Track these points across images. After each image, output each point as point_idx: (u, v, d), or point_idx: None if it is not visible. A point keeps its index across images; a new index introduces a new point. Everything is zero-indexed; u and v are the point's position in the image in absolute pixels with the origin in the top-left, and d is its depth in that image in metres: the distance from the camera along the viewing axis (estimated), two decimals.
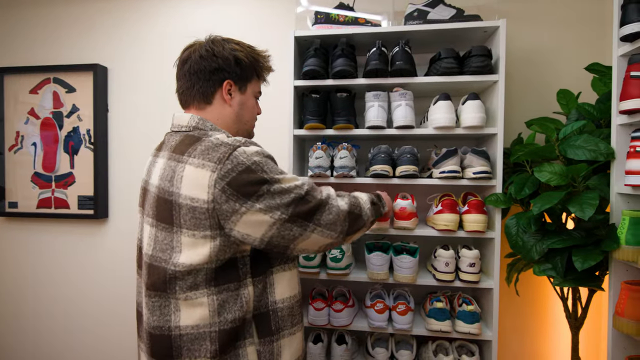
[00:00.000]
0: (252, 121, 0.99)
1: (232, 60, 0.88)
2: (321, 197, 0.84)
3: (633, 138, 1.05)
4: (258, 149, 0.82)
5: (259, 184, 0.77)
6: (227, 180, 0.76)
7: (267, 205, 0.77)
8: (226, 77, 0.89)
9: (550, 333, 1.62)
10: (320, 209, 0.83)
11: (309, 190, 0.83)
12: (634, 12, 1.00)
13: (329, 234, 0.84)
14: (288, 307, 0.88)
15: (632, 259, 1.03)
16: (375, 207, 1.00)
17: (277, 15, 1.78)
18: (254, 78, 0.94)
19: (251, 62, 0.92)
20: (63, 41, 1.94)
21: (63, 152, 1.92)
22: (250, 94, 0.95)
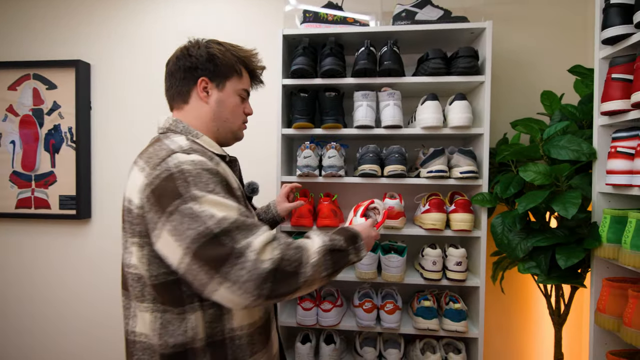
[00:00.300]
0: (236, 120, 0.91)
1: (205, 56, 0.85)
2: (236, 245, 0.65)
3: (614, 139, 1.08)
4: (196, 159, 0.72)
5: (173, 197, 0.67)
6: (152, 187, 0.70)
7: (175, 229, 0.66)
8: (200, 74, 0.85)
9: (534, 329, 1.66)
10: (230, 260, 0.64)
11: (228, 229, 0.65)
12: (615, 15, 1.03)
13: (243, 294, 0.63)
14: (248, 334, 0.79)
15: (613, 256, 1.06)
16: (337, 257, 0.76)
17: (265, 13, 1.77)
18: (234, 75, 0.89)
19: (228, 58, 0.87)
20: (44, 36, 1.89)
21: (44, 151, 1.87)
22: (231, 92, 0.89)
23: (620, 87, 1.03)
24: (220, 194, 0.70)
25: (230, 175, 0.80)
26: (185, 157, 0.72)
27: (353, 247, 0.81)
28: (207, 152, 0.79)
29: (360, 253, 0.83)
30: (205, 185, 0.69)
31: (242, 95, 0.92)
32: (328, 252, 0.74)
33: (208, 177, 0.70)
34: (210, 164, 0.74)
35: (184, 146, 0.76)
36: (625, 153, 1.03)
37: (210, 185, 0.70)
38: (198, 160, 0.72)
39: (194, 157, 0.73)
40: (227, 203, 0.69)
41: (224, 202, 0.69)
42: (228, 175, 0.78)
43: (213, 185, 0.70)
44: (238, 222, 0.67)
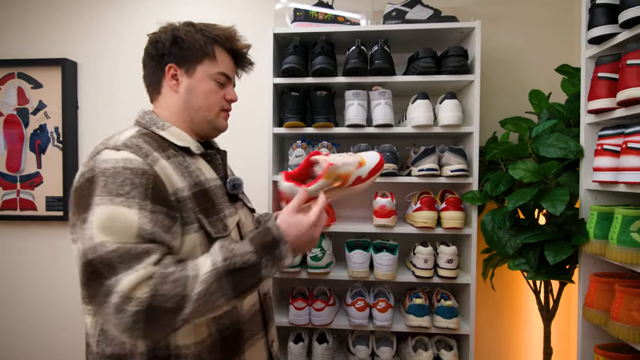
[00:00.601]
0: (211, 108, 0.81)
1: (170, 41, 0.77)
2: (105, 281, 0.57)
3: (600, 136, 1.10)
4: (122, 157, 0.65)
5: (83, 199, 0.63)
6: (75, 185, 0.67)
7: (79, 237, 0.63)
8: (167, 61, 0.78)
9: (524, 325, 1.68)
10: (98, 297, 0.58)
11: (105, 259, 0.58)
12: (601, 15, 1.05)
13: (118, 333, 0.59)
14: (195, 354, 0.69)
15: (600, 252, 1.08)
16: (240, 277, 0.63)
17: (255, 12, 1.76)
18: (205, 58, 0.79)
19: (197, 39, 0.78)
20: (29, 34, 1.84)
21: (29, 151, 1.83)
22: (204, 77, 0.79)
23: (606, 85, 1.05)
24: (135, 199, 0.62)
25: (173, 175, 0.70)
26: (112, 154, 0.66)
27: (268, 258, 0.66)
28: (143, 149, 0.68)
29: (280, 262, 0.68)
30: (118, 187, 0.62)
31: (219, 80, 0.81)
32: (224, 276, 0.62)
33: (126, 177, 0.63)
34: (137, 162, 0.65)
35: (119, 142, 0.69)
36: (611, 150, 1.05)
37: (125, 187, 0.62)
38: (122, 158, 0.65)
39: (120, 155, 0.66)
40: (127, 217, 0.60)
41: (123, 217, 0.60)
42: (170, 175, 0.69)
43: (129, 188, 0.62)
44: (120, 251, 0.59)
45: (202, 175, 0.76)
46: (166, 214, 0.66)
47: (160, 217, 0.64)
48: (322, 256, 1.41)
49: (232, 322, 0.76)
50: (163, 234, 0.64)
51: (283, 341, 1.60)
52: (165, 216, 0.65)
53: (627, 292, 0.96)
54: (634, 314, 0.95)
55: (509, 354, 1.69)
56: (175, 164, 0.72)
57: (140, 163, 0.66)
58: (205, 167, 0.79)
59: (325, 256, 1.42)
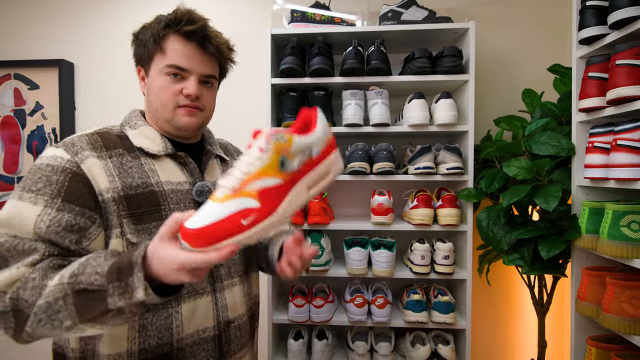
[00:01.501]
0: (165, 106, 0.73)
1: (132, 42, 0.76)
2: None
3: (591, 134, 1.13)
4: (50, 154, 0.66)
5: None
6: None
7: None
8: (136, 63, 0.78)
9: (519, 319, 1.72)
10: None
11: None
12: (591, 17, 1.08)
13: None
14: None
15: (591, 246, 1.11)
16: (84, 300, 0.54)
17: (252, 13, 1.77)
18: (155, 53, 0.73)
19: (145, 35, 0.73)
20: (25, 35, 1.84)
21: (26, 152, 1.82)
22: (156, 73, 0.73)
23: (597, 85, 1.08)
24: (44, 196, 0.61)
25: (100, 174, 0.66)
26: (49, 151, 0.67)
27: (116, 285, 0.53)
28: (76, 146, 0.67)
29: (129, 294, 0.52)
30: (33, 184, 0.62)
31: (170, 72, 0.72)
32: (70, 294, 0.54)
33: (43, 174, 0.63)
34: (60, 160, 0.64)
35: (67, 138, 0.70)
36: (601, 148, 1.08)
37: (38, 184, 0.62)
38: (50, 155, 0.65)
39: (53, 152, 0.66)
40: (26, 213, 0.60)
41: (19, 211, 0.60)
42: (96, 174, 0.65)
43: (42, 184, 0.62)
44: (9, 244, 0.58)
45: (153, 178, 0.70)
46: (78, 213, 0.62)
47: (68, 216, 0.61)
48: (322, 254, 1.44)
49: (160, 344, 0.66)
50: (63, 234, 0.61)
51: (283, 338, 1.62)
52: (77, 215, 0.62)
53: (618, 285, 1.00)
54: (624, 306, 0.98)
55: (505, 348, 1.72)
56: (113, 163, 0.68)
57: (64, 161, 0.64)
58: (169, 169, 0.73)
59: (324, 254, 1.44)
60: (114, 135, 0.73)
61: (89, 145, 0.68)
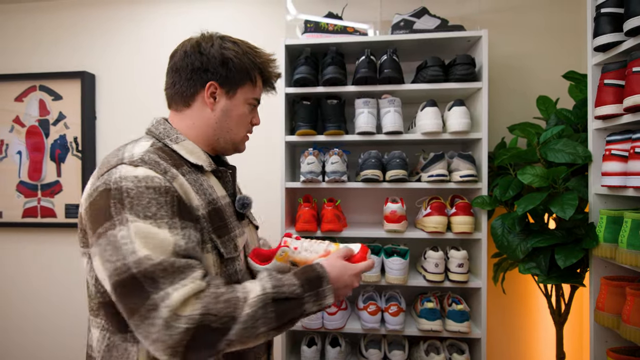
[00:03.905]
0: (240, 131, 0.81)
1: (219, 59, 0.75)
2: (152, 295, 0.57)
3: (608, 142, 1.11)
4: (142, 174, 0.63)
5: (104, 219, 0.61)
6: (90, 200, 0.65)
7: (100, 253, 0.61)
8: (210, 78, 0.75)
9: (536, 329, 1.68)
10: (141, 312, 0.57)
11: (150, 272, 0.58)
12: (606, 24, 1.07)
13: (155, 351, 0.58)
14: None
15: (610, 255, 1.09)
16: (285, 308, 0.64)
17: (267, 24, 1.81)
18: (246, 83, 0.78)
19: (244, 64, 0.77)
20: (49, 48, 1.92)
21: (49, 160, 1.89)
22: (241, 101, 0.79)
23: (613, 92, 1.07)
24: (163, 219, 0.61)
25: (190, 192, 0.69)
26: (130, 170, 0.64)
27: (312, 294, 0.66)
28: (161, 165, 0.67)
29: (323, 301, 0.67)
30: (145, 209, 0.61)
31: (252, 104, 0.82)
32: (270, 303, 0.63)
33: (151, 198, 0.62)
34: (159, 180, 0.64)
35: (135, 156, 0.67)
36: (619, 155, 1.07)
37: (151, 208, 0.61)
38: (143, 176, 0.63)
39: (140, 172, 0.64)
40: (160, 236, 0.60)
41: (156, 235, 0.60)
42: (188, 193, 0.68)
43: (155, 209, 0.61)
44: (164, 264, 0.58)
45: (214, 194, 0.75)
46: (194, 228, 0.66)
47: (191, 232, 0.64)
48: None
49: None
50: (196, 249, 0.64)
51: (296, 345, 1.63)
52: (194, 230, 0.66)
53: (638, 295, 0.98)
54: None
55: (522, 358, 1.69)
56: (190, 182, 0.70)
57: (162, 180, 0.64)
58: (216, 185, 0.77)
59: None
60: (169, 151, 0.73)
61: (167, 163, 0.68)
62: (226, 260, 0.72)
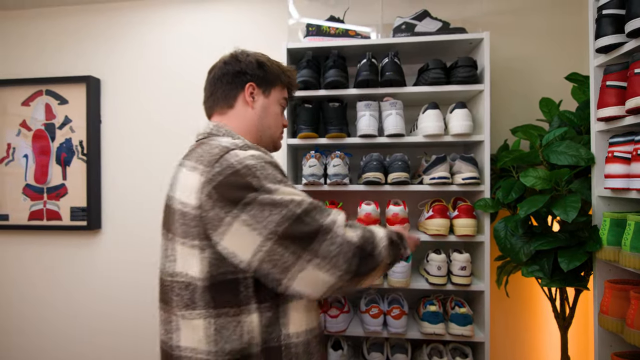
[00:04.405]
0: (277, 129, 0.93)
1: (255, 63, 0.87)
2: (323, 222, 0.69)
3: (611, 144, 1.11)
4: (255, 153, 0.73)
5: (246, 190, 0.68)
6: (213, 184, 0.69)
7: (253, 218, 0.67)
8: (249, 79, 0.87)
9: (540, 333, 1.67)
10: (319, 236, 0.67)
11: (309, 210, 0.69)
12: (607, 25, 1.07)
13: (331, 269, 0.67)
14: (304, 342, 0.75)
15: (613, 258, 1.08)
16: (394, 248, 0.80)
17: (269, 28, 1.82)
18: (278, 84, 0.91)
19: (276, 67, 0.91)
20: (55, 54, 1.95)
21: (55, 164, 1.92)
22: (275, 100, 0.91)
23: (615, 93, 1.06)
24: (287, 183, 0.73)
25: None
26: (244, 152, 0.72)
27: (402, 244, 0.84)
28: (260, 148, 0.78)
29: (407, 250, 0.86)
30: (273, 177, 0.71)
31: (283, 105, 0.94)
32: (389, 242, 0.79)
33: (272, 170, 0.72)
34: (269, 157, 0.75)
35: (239, 143, 0.76)
36: (622, 158, 1.06)
37: (277, 176, 0.72)
38: (258, 155, 0.73)
39: (253, 152, 0.73)
40: (297, 190, 0.72)
41: (295, 190, 0.72)
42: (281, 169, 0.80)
43: (280, 177, 0.72)
44: (314, 204, 0.71)
45: None
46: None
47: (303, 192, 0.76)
48: None
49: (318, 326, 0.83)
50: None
51: None
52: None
53: None
54: None
55: None
56: None
57: (270, 158, 0.76)
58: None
59: None
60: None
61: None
62: None
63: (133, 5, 1.91)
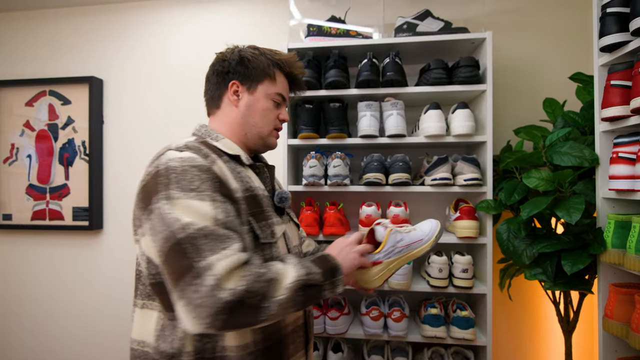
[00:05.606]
0: (265, 125, 0.86)
1: (237, 60, 0.84)
2: (197, 263, 0.60)
3: (615, 144, 1.09)
4: (186, 155, 0.70)
5: (154, 193, 0.67)
6: (142, 184, 0.71)
7: (152, 227, 0.66)
8: (231, 78, 0.84)
9: (544, 337, 1.64)
10: (187, 278, 0.59)
11: (194, 237, 0.61)
12: (612, 24, 1.05)
13: (196, 318, 0.59)
14: (239, 358, 0.70)
15: (618, 261, 1.06)
16: (311, 293, 0.69)
17: (270, 28, 1.82)
18: (265, 79, 0.85)
19: (261, 61, 0.84)
20: (59, 54, 1.96)
21: (58, 164, 1.93)
22: (262, 96, 0.85)
23: (620, 93, 1.04)
24: (205, 192, 0.66)
25: (228, 175, 0.74)
26: (176, 154, 0.71)
27: (330, 282, 0.73)
28: (202, 150, 0.74)
29: (336, 289, 0.74)
30: (189, 183, 0.66)
31: (276, 100, 0.87)
32: (301, 288, 0.67)
33: (194, 174, 0.68)
34: (201, 161, 0.71)
35: (181, 144, 0.75)
36: (627, 158, 1.04)
37: (194, 182, 0.67)
38: (187, 157, 0.70)
39: (184, 154, 0.71)
40: (202, 208, 0.64)
41: (198, 206, 0.64)
42: (226, 175, 0.74)
43: (198, 183, 0.67)
44: (206, 230, 0.62)
45: (252, 183, 0.80)
46: (233, 207, 0.70)
47: (230, 207, 0.69)
48: None
49: (275, 331, 0.76)
50: (235, 223, 0.68)
51: None
52: (233, 207, 0.70)
53: None
54: None
55: None
56: (229, 168, 0.76)
57: (203, 162, 0.71)
58: (254, 177, 0.82)
59: None
60: (211, 145, 0.80)
61: (206, 149, 0.76)
62: (262, 245, 0.75)
63: (136, 6, 1.92)
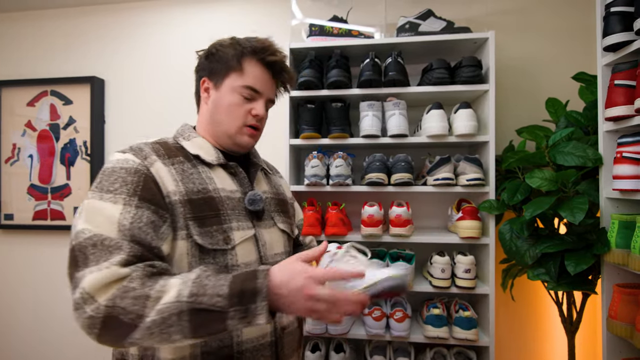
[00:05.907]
0: (232, 122, 0.78)
1: (204, 55, 0.81)
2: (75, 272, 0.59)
3: (619, 144, 1.08)
4: (122, 157, 0.69)
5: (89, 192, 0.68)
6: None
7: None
8: (202, 75, 0.81)
9: (547, 338, 1.63)
10: (71, 286, 0.60)
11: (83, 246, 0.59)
12: (615, 23, 1.05)
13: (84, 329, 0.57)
14: None
15: (622, 262, 1.05)
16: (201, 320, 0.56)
17: (272, 28, 1.82)
18: (231, 72, 0.77)
19: (226, 53, 0.78)
20: (60, 54, 1.96)
21: (59, 164, 1.93)
22: (228, 90, 0.77)
23: (624, 93, 1.04)
24: (121, 195, 0.64)
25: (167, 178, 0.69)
26: (117, 155, 0.70)
27: (240, 310, 0.56)
28: (144, 151, 0.71)
29: (253, 319, 0.57)
30: (110, 184, 0.65)
31: (244, 94, 0.78)
32: (186, 312, 0.55)
33: (119, 176, 0.66)
34: (133, 162, 0.68)
35: (133, 145, 0.74)
36: (631, 158, 1.03)
37: (115, 184, 0.65)
38: (123, 158, 0.69)
39: (123, 156, 0.70)
40: (109, 211, 0.62)
41: (106, 209, 0.62)
42: (163, 178, 0.69)
43: (119, 185, 0.65)
44: (95, 239, 0.60)
45: (211, 185, 0.74)
46: (154, 211, 0.65)
47: (146, 213, 0.64)
48: None
49: (223, 346, 0.68)
50: (145, 229, 0.63)
51: None
52: (153, 213, 0.65)
53: None
54: None
55: None
56: (176, 170, 0.72)
57: (136, 163, 0.68)
58: (222, 178, 0.77)
59: None
60: (172, 145, 0.77)
61: (153, 151, 0.73)
62: (212, 251, 0.69)
63: (137, 7, 1.92)
